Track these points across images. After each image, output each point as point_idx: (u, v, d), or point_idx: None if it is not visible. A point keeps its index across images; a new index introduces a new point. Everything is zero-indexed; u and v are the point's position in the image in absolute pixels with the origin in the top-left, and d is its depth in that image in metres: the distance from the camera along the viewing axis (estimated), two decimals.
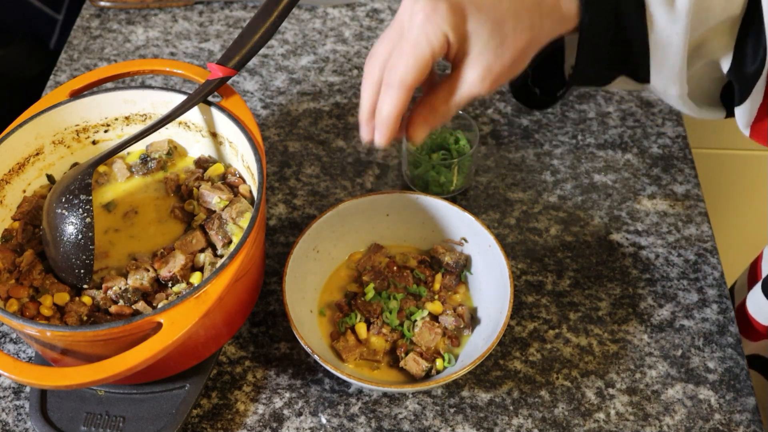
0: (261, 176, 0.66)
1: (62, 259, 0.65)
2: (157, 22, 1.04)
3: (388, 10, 1.06)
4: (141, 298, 0.65)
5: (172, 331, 0.57)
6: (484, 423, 0.69)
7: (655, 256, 0.80)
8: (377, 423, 0.69)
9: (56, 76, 0.98)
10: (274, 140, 0.91)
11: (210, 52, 1.00)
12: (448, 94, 0.59)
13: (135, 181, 0.75)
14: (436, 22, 0.55)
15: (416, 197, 0.75)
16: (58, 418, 0.66)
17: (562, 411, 0.69)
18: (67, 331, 0.58)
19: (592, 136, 0.90)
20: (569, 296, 0.77)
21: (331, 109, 0.94)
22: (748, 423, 0.69)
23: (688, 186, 0.86)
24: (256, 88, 0.96)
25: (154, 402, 0.67)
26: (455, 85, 0.58)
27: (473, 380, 0.71)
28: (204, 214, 0.70)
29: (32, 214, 0.71)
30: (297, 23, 1.04)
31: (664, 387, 0.71)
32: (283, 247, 0.81)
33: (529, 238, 0.81)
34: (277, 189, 0.86)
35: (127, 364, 0.56)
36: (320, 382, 0.71)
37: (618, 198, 0.85)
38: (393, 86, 0.57)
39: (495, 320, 0.69)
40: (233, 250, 0.61)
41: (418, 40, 0.56)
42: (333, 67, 0.99)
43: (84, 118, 0.74)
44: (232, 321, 0.69)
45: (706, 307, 0.76)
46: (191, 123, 0.75)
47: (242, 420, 0.69)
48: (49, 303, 0.65)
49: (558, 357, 0.73)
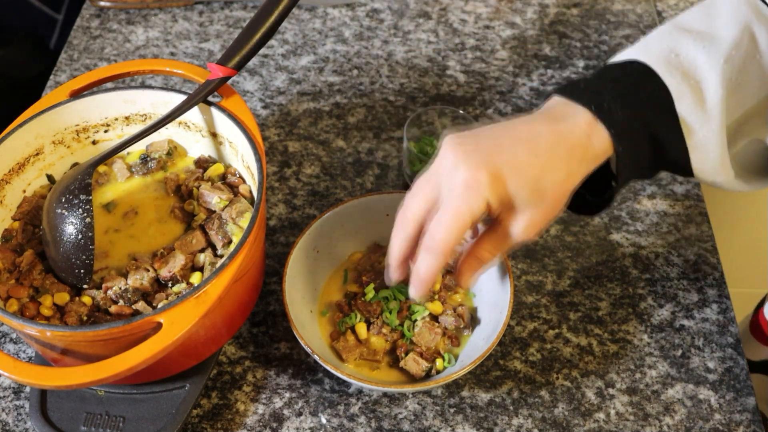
0: (261, 176, 0.66)
1: (62, 259, 0.65)
2: (157, 22, 1.04)
3: (388, 10, 1.06)
4: (141, 298, 0.65)
5: (172, 331, 0.57)
6: (484, 423, 0.69)
7: (655, 256, 0.80)
8: (377, 423, 0.69)
9: (56, 76, 0.98)
10: (274, 140, 0.91)
11: (210, 52, 1.00)
12: (494, 246, 0.60)
13: (135, 181, 0.75)
14: (478, 192, 0.55)
15: None
16: (58, 418, 0.66)
17: (562, 411, 0.69)
18: (67, 331, 0.58)
19: None
20: (569, 296, 0.77)
21: (331, 109, 0.94)
22: (748, 423, 0.69)
23: (688, 186, 0.86)
24: (256, 88, 0.96)
25: (154, 402, 0.67)
26: (501, 239, 0.59)
27: (473, 380, 0.71)
28: (204, 214, 0.70)
29: (32, 214, 0.71)
30: (297, 23, 1.04)
31: (664, 387, 0.71)
32: (283, 247, 0.81)
33: None
34: (277, 189, 0.86)
35: (127, 364, 0.56)
36: (320, 382, 0.71)
37: (618, 198, 0.85)
38: (433, 252, 0.57)
39: (495, 320, 0.69)
40: (233, 250, 0.61)
41: (459, 210, 0.55)
42: (333, 67, 0.99)
43: (84, 118, 0.74)
44: (232, 321, 0.69)
45: (706, 307, 0.76)
46: (191, 123, 0.75)
47: (242, 420, 0.69)
48: (49, 303, 0.65)
49: (558, 357, 0.73)
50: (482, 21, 1.05)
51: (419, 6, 1.07)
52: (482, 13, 1.06)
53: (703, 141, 0.60)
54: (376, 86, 0.96)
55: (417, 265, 0.59)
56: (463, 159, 0.55)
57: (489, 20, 1.05)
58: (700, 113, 0.59)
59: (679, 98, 0.59)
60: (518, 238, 0.59)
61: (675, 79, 0.59)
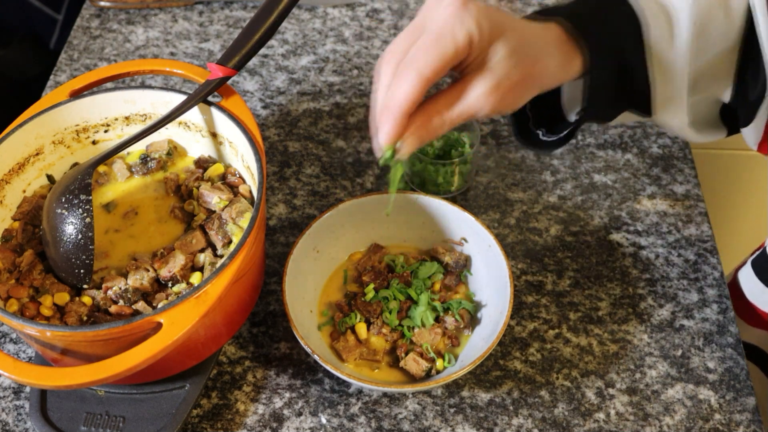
0: (261, 176, 0.66)
1: (62, 259, 0.65)
2: (157, 22, 1.04)
3: (388, 10, 1.06)
4: (141, 298, 0.65)
5: (172, 331, 0.57)
6: (484, 423, 0.69)
7: (655, 256, 0.80)
8: (377, 423, 0.69)
9: (56, 76, 0.98)
10: (274, 140, 0.91)
11: (210, 52, 1.00)
12: (447, 105, 0.55)
13: (135, 181, 0.75)
14: (465, 19, 0.53)
15: (416, 197, 0.75)
16: (58, 418, 0.66)
17: (562, 411, 0.69)
18: (67, 331, 0.58)
19: (592, 136, 0.90)
20: (569, 296, 0.77)
21: (331, 109, 0.94)
22: (748, 423, 0.69)
23: (688, 186, 0.86)
24: (256, 88, 0.96)
25: (154, 402, 0.67)
26: (457, 97, 0.55)
27: (473, 380, 0.71)
28: (204, 214, 0.70)
29: (32, 214, 0.71)
30: (297, 23, 1.04)
31: (664, 387, 0.71)
32: (283, 247, 0.81)
33: (529, 238, 0.81)
34: (277, 189, 0.86)
35: (127, 364, 0.56)
36: (320, 382, 0.71)
37: (618, 198, 0.85)
38: (409, 73, 0.53)
39: (495, 320, 0.69)
40: (233, 250, 0.61)
41: (442, 33, 0.52)
42: (333, 67, 0.99)
43: (84, 118, 0.74)
44: (232, 321, 0.69)
45: (706, 307, 0.76)
46: (191, 123, 0.75)
47: (242, 420, 0.69)
48: (49, 303, 0.65)
49: (558, 357, 0.73)
50: None
51: (419, 6, 1.07)
52: None
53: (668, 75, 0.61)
54: None
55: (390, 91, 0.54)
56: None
57: None
58: (668, 48, 0.60)
59: (649, 28, 0.60)
60: (475, 102, 0.55)
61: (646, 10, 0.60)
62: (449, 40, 0.53)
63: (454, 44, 0.53)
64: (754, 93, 0.63)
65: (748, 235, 1.42)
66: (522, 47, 0.56)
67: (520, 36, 0.56)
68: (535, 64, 0.57)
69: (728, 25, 0.62)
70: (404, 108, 0.53)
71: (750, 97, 0.64)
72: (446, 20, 0.53)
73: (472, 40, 0.53)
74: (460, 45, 0.53)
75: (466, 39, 0.53)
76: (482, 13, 0.53)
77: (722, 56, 0.63)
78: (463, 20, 0.53)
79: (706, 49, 0.62)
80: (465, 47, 0.53)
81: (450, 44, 0.53)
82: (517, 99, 0.58)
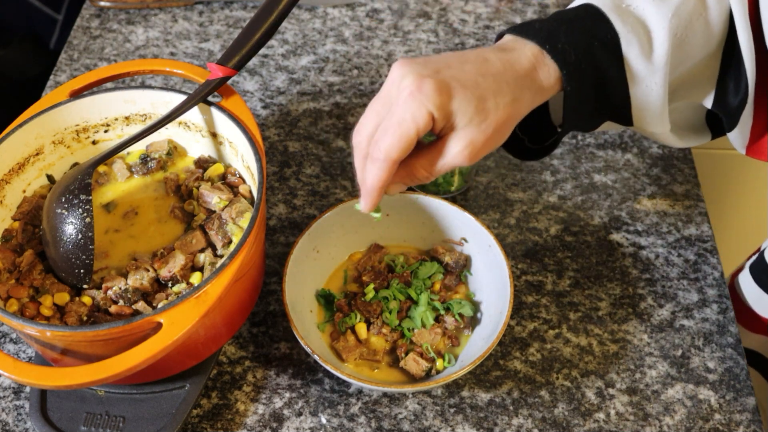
0: (261, 176, 0.66)
1: (62, 259, 0.65)
2: (157, 22, 1.04)
3: (388, 10, 1.06)
4: (141, 298, 0.65)
5: (172, 331, 0.57)
6: (484, 423, 0.69)
7: (655, 256, 0.80)
8: (377, 423, 0.69)
9: (56, 76, 0.98)
10: (274, 140, 0.91)
11: (210, 52, 1.00)
12: (430, 162, 0.59)
13: (135, 181, 0.75)
14: (421, 101, 0.55)
15: (416, 197, 0.75)
16: (58, 418, 0.66)
17: (562, 411, 0.69)
18: (67, 331, 0.58)
19: (591, 135, 0.90)
20: (569, 296, 0.77)
21: (331, 109, 0.94)
22: (748, 423, 0.69)
23: (688, 186, 0.86)
24: (256, 88, 0.96)
25: (154, 402, 0.67)
26: (438, 156, 0.59)
27: (473, 380, 0.71)
28: (204, 214, 0.70)
29: (32, 214, 0.71)
30: (297, 23, 1.04)
31: (664, 387, 0.71)
32: (283, 247, 0.81)
33: (529, 238, 0.81)
34: (277, 189, 0.86)
35: (127, 364, 0.56)
36: (320, 382, 0.71)
37: (618, 198, 0.85)
38: (378, 160, 0.57)
39: (495, 320, 0.69)
40: (233, 250, 0.61)
41: (403, 118, 0.56)
42: (333, 67, 0.99)
43: (84, 118, 0.74)
44: (232, 321, 0.69)
45: (706, 307, 0.76)
46: (191, 123, 0.75)
47: (242, 420, 0.69)
48: (49, 303, 0.65)
49: (558, 357, 0.73)
50: (482, 21, 1.05)
51: (419, 6, 1.07)
52: (482, 13, 1.06)
53: (646, 91, 0.62)
54: (376, 86, 0.96)
55: (365, 175, 0.59)
56: (409, 71, 0.56)
57: (489, 20, 1.05)
58: (646, 63, 0.61)
59: (628, 44, 0.60)
60: (455, 159, 0.58)
61: (625, 26, 0.61)
62: (410, 123, 0.56)
63: (415, 126, 0.56)
64: (736, 99, 0.64)
65: (747, 235, 1.41)
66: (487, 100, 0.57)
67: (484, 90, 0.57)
68: (507, 107, 0.58)
69: (708, 33, 0.62)
70: (378, 187, 0.59)
71: (732, 103, 0.64)
72: (406, 102, 0.56)
73: (433, 117, 0.56)
74: (420, 125, 0.56)
75: (426, 118, 0.56)
76: (438, 88, 0.55)
77: (702, 63, 0.64)
78: (422, 102, 0.55)
79: (686, 60, 0.63)
80: (427, 125, 0.56)
81: (411, 127, 0.56)
82: (497, 141, 0.59)
